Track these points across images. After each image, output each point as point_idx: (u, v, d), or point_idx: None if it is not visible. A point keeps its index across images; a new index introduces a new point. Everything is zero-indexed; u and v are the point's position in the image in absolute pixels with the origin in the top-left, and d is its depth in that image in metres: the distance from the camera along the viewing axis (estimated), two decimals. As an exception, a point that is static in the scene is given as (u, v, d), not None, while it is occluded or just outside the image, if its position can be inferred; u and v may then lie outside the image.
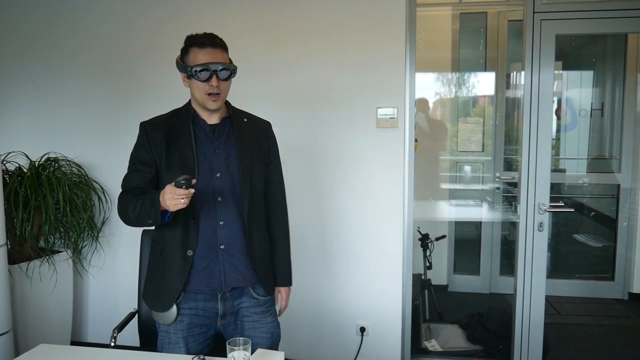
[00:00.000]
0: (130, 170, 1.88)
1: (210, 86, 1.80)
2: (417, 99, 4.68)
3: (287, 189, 2.16)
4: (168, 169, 1.82)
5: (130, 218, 1.79)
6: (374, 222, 2.99)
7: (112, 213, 3.26)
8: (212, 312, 1.91)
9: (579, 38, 4.95)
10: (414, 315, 3.23)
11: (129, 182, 1.86)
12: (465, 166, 4.86)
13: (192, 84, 1.83)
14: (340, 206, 3.02)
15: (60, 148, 3.19)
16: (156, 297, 1.89)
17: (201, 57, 1.79)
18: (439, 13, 4.61)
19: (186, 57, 1.84)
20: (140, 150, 1.87)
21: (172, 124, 1.88)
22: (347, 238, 3.03)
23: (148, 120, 1.91)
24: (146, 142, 1.85)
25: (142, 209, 1.73)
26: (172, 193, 1.60)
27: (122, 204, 1.83)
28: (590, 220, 5.00)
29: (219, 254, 1.86)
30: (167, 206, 1.64)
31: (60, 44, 3.24)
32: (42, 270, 2.95)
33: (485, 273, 4.68)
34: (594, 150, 4.94)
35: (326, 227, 3.05)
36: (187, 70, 1.81)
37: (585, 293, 4.57)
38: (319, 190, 3.04)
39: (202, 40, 1.81)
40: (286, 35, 2.97)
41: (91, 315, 3.37)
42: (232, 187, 1.87)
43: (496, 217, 4.64)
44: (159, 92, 3.08)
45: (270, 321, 2.00)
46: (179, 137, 1.85)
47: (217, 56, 1.81)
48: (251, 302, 1.96)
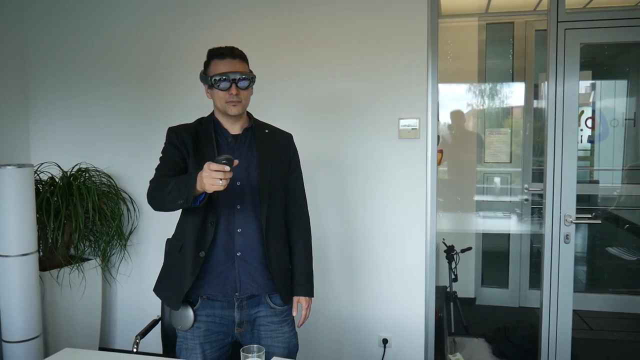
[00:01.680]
0: (163, 164, 1.92)
1: (230, 94, 1.86)
2: (451, 110, 4.72)
3: (309, 200, 2.18)
4: (194, 168, 1.86)
5: (160, 196, 1.78)
6: (397, 233, 2.98)
7: (140, 222, 3.34)
8: (229, 320, 1.94)
9: (612, 47, 4.85)
10: (438, 328, 3.19)
11: (164, 171, 1.88)
12: (495, 178, 4.80)
13: (214, 93, 1.90)
14: (362, 217, 3.03)
15: (91, 158, 3.30)
16: (167, 291, 1.95)
17: (221, 67, 1.87)
18: (465, 24, 4.60)
19: (207, 69, 1.92)
20: (171, 149, 1.92)
21: (198, 130, 1.94)
22: (370, 249, 3.03)
23: (176, 126, 1.99)
24: (176, 141, 1.91)
25: (174, 187, 1.72)
26: (209, 169, 1.57)
27: (154, 184, 1.85)
28: (625, 232, 4.86)
29: (235, 261, 1.89)
30: (204, 186, 1.60)
31: (89, 56, 3.35)
32: (72, 277, 3.04)
33: (514, 286, 4.60)
34: (629, 161, 4.81)
35: (348, 237, 3.06)
36: (208, 80, 1.88)
37: (619, 308, 4.42)
38: (340, 201, 3.05)
39: (222, 52, 1.89)
40: (307, 47, 3.01)
41: (119, 321, 3.45)
42: (252, 195, 1.91)
43: (525, 229, 4.56)
44: (187, 104, 3.15)
45: (287, 331, 2.01)
46: (204, 143, 1.91)
47: (236, 66, 1.88)
48: (268, 312, 1.98)
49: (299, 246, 2.09)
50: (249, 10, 3.08)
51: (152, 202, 1.84)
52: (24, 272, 2.65)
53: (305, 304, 2.08)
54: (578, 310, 4.20)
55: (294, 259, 2.08)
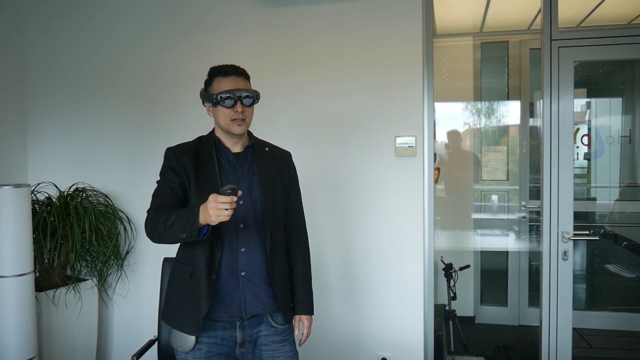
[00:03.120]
0: (162, 191, 1.88)
1: (235, 112, 1.87)
2: (448, 130, 4.75)
3: (307, 218, 2.19)
4: (197, 194, 1.86)
5: (160, 230, 1.76)
6: (394, 251, 2.98)
7: (137, 242, 3.33)
8: (231, 341, 1.92)
9: (607, 65, 4.91)
10: (437, 347, 3.17)
11: (162, 202, 1.85)
12: (492, 195, 4.81)
13: (218, 111, 1.90)
14: (360, 235, 3.02)
15: (88, 178, 3.29)
16: (184, 318, 1.88)
17: (225, 85, 1.87)
18: (460, 43, 4.65)
19: (210, 87, 1.92)
20: (170, 174, 1.90)
21: (198, 150, 1.94)
22: (368, 267, 3.02)
23: (175, 147, 1.97)
24: (176, 166, 1.89)
25: (176, 221, 1.70)
26: (215, 201, 1.58)
27: (152, 217, 1.81)
28: (622, 249, 4.85)
29: (240, 281, 1.88)
30: (208, 218, 1.61)
31: (87, 75, 3.36)
32: (68, 297, 3.02)
33: (514, 304, 4.58)
34: (626, 178, 4.83)
35: (346, 255, 3.05)
36: (212, 98, 1.88)
37: (619, 326, 4.40)
38: (338, 218, 3.05)
39: (225, 70, 1.90)
40: (304, 65, 3.04)
41: (115, 342, 3.41)
42: (254, 214, 1.91)
43: (523, 246, 4.55)
44: (184, 122, 3.17)
45: (288, 350, 2.00)
46: (205, 164, 1.90)
47: (240, 84, 1.90)
48: (269, 331, 1.97)
49: (299, 264, 2.09)
50: (246, 29, 3.11)
51: (151, 235, 1.82)
52: (20, 292, 2.62)
53: (307, 322, 2.09)
54: (578, 328, 4.18)
55: (294, 278, 2.08)
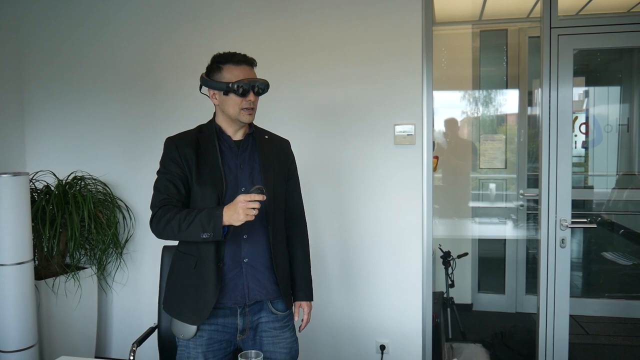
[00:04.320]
0: (164, 185, 1.86)
1: (247, 101, 1.87)
2: (446, 118, 4.75)
3: (306, 205, 2.20)
4: (200, 183, 1.86)
5: (174, 229, 1.76)
6: (393, 239, 2.99)
7: (136, 230, 3.33)
8: (232, 328, 1.93)
9: (605, 54, 4.91)
10: (435, 334, 3.19)
11: (167, 197, 1.84)
12: (490, 184, 4.82)
13: (228, 99, 1.87)
14: (359, 223, 3.03)
15: (87, 166, 3.29)
16: (190, 309, 1.88)
17: (238, 74, 1.85)
18: (459, 31, 4.63)
19: (219, 74, 1.88)
20: (171, 166, 1.88)
21: (199, 139, 1.92)
22: (367, 255, 3.03)
23: (176, 137, 1.94)
24: (178, 158, 1.87)
25: (195, 221, 1.71)
26: (246, 200, 1.65)
27: (162, 215, 1.79)
28: (619, 237, 4.88)
29: (243, 268, 1.89)
30: (236, 217, 1.66)
31: (85, 63, 3.35)
32: (68, 286, 3.03)
33: (511, 292, 4.61)
34: (623, 167, 4.85)
35: (345, 243, 3.06)
36: (223, 86, 1.85)
37: (616, 313, 4.44)
38: (337, 207, 3.05)
39: (237, 58, 1.88)
40: (303, 54, 3.02)
41: (115, 330, 3.43)
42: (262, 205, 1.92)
43: (520, 234, 4.57)
44: (182, 111, 3.17)
45: (288, 336, 2.02)
46: (207, 152, 1.89)
47: (252, 73, 1.90)
48: (270, 317, 1.98)
49: (298, 251, 2.11)
50: (245, 17, 3.09)
51: (160, 234, 1.82)
52: (19, 281, 2.63)
53: (307, 308, 2.11)
54: (575, 315, 4.22)
55: (294, 265, 2.09)
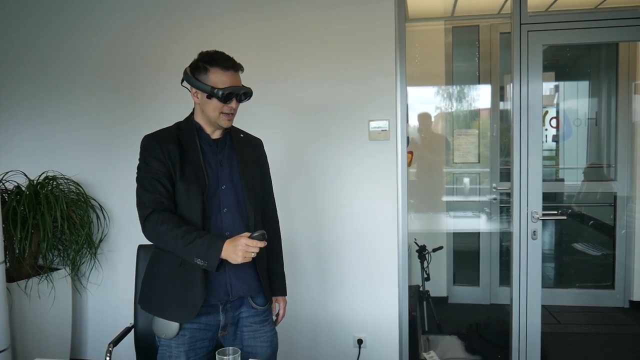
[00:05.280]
0: (151, 185, 1.83)
1: (229, 107, 1.86)
2: (419, 113, 4.79)
3: (282, 203, 2.23)
4: (184, 181, 1.84)
5: (169, 242, 1.76)
6: (369, 233, 3.01)
7: (111, 230, 3.29)
8: (214, 325, 1.93)
9: (574, 50, 5.01)
10: (412, 327, 3.23)
11: (158, 197, 1.81)
12: (464, 178, 4.89)
13: (210, 102, 1.85)
14: (335, 218, 3.05)
15: (58, 166, 3.23)
16: (175, 308, 1.86)
17: (225, 80, 1.83)
18: (432, 27, 4.68)
19: (205, 75, 1.85)
20: (155, 164, 1.84)
21: (180, 137, 1.90)
22: (343, 250, 3.05)
23: (156, 134, 1.91)
24: (161, 155, 1.84)
25: (194, 245, 1.71)
26: (248, 245, 1.67)
27: (163, 222, 1.77)
28: (589, 228, 5.01)
29: (225, 265, 1.87)
30: (233, 257, 1.69)
31: (55, 62, 3.30)
32: (41, 287, 2.98)
33: (485, 284, 4.69)
34: (592, 159, 4.97)
35: (322, 239, 3.07)
36: (207, 89, 1.82)
37: (586, 302, 4.56)
38: (312, 203, 3.07)
39: (225, 64, 1.85)
40: (277, 50, 3.03)
41: (90, 332, 3.39)
42: (236, 198, 1.93)
43: (494, 227, 4.65)
44: (155, 108, 3.14)
45: (268, 330, 2.04)
46: (189, 150, 1.88)
47: (238, 79, 1.89)
48: (250, 312, 1.99)
49: (273, 247, 2.12)
50: (220, 18, 3.08)
51: (152, 238, 1.82)
52: (-9, 283, 2.58)
53: (283, 303, 2.17)
54: (547, 305, 4.32)
55: (270, 261, 2.11)
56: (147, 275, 2.00)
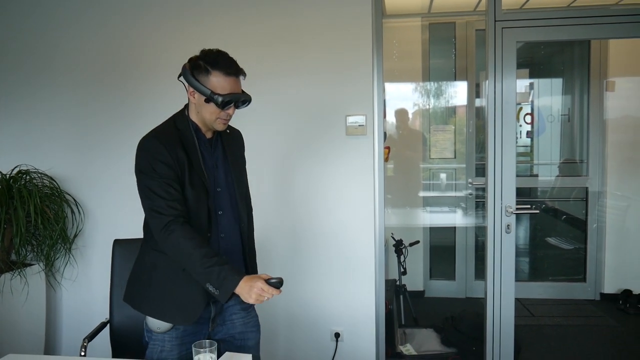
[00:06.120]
0: (164, 191, 1.75)
1: (226, 113, 1.82)
2: (396, 109, 4.83)
3: (258, 198, 2.24)
4: (192, 186, 1.81)
5: (185, 258, 1.73)
6: (346, 228, 3.03)
7: (85, 225, 3.25)
8: (206, 319, 1.94)
9: (548, 47, 5.10)
10: (388, 320, 3.27)
11: (173, 202, 1.75)
12: (441, 174, 4.95)
13: (208, 106, 1.79)
14: (312, 213, 3.06)
15: (32, 160, 3.17)
16: (181, 310, 1.84)
17: (225, 86, 1.77)
18: (409, 24, 4.72)
19: (205, 77, 1.78)
20: (163, 168, 1.76)
21: (181, 140, 1.84)
22: (320, 244, 3.07)
23: (158, 136, 1.81)
24: (169, 160, 1.76)
25: (210, 273, 1.69)
26: (265, 291, 1.66)
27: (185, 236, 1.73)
28: (562, 223, 5.12)
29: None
30: (247, 297, 1.67)
31: (28, 55, 3.23)
32: (14, 283, 2.93)
33: (461, 278, 4.75)
34: (566, 155, 5.07)
35: (299, 234, 3.08)
36: (207, 93, 1.76)
37: (558, 295, 4.67)
38: (289, 197, 3.07)
39: (228, 70, 1.78)
40: (253, 45, 3.01)
41: (65, 327, 3.34)
42: (230, 200, 1.94)
43: (470, 222, 4.72)
44: (132, 101, 3.11)
45: (254, 315, 2.07)
46: (191, 153, 1.83)
47: (239, 85, 1.83)
48: (236, 301, 1.95)
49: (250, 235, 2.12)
50: (195, 11, 3.06)
51: (168, 247, 1.76)
52: (-39, 279, 2.54)
53: None
54: (521, 298, 4.41)
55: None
56: (141, 275, 1.94)
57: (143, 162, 1.79)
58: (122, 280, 2.44)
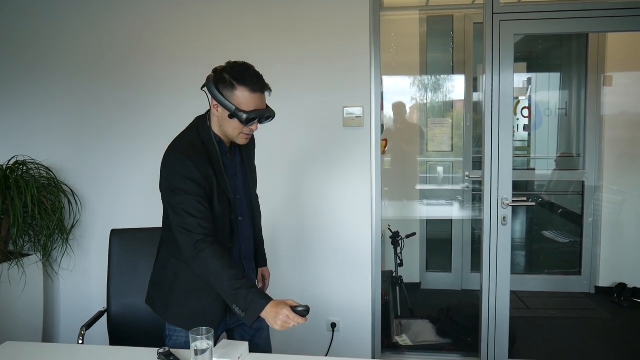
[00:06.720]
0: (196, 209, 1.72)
1: (249, 129, 1.80)
2: (394, 102, 4.83)
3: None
4: (220, 202, 1.81)
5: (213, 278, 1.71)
6: (343, 219, 3.04)
7: (82, 215, 3.26)
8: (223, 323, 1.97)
9: (546, 42, 5.10)
10: (385, 311, 3.29)
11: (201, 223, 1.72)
12: (438, 167, 4.96)
13: (230, 122, 1.76)
14: (309, 205, 3.07)
15: (28, 151, 3.17)
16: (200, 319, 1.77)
17: (251, 103, 1.73)
18: (407, 17, 4.71)
19: (230, 92, 1.73)
20: (193, 186, 1.73)
21: (207, 153, 1.80)
22: (317, 236, 3.08)
23: (188, 154, 1.75)
24: (200, 178, 1.74)
25: (237, 295, 1.68)
26: (291, 319, 1.68)
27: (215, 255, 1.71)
28: (558, 217, 5.14)
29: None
30: (272, 322, 1.69)
31: (24, 45, 3.23)
32: (12, 273, 2.94)
33: (457, 270, 4.78)
34: (562, 149, 5.08)
35: (295, 225, 3.09)
36: (231, 109, 1.72)
37: (554, 288, 4.69)
38: (286, 188, 3.08)
39: (254, 86, 1.74)
40: (252, 35, 3.02)
41: (63, 318, 3.36)
42: (248, 206, 1.99)
43: (466, 215, 4.74)
44: (129, 91, 3.10)
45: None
46: (216, 169, 1.81)
47: (264, 101, 1.79)
48: None
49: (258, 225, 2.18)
50: (193, 8, 3.04)
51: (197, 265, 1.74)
52: (-41, 268, 2.54)
53: (268, 274, 2.26)
54: (516, 290, 4.43)
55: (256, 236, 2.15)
56: (163, 283, 1.93)
57: (174, 180, 1.75)
58: (119, 271, 2.47)
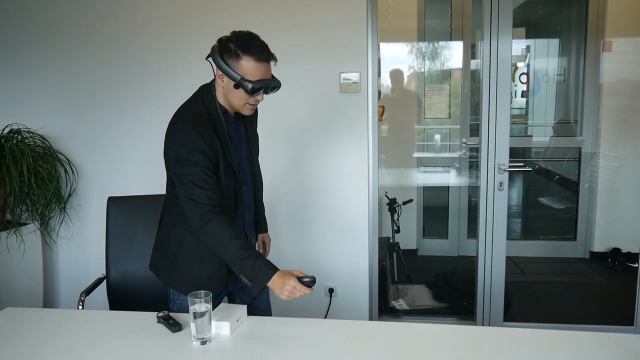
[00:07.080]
0: (204, 180, 1.73)
1: (255, 99, 1.79)
2: (391, 70, 4.78)
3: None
4: (225, 172, 1.81)
5: (220, 247, 1.73)
6: (340, 186, 3.05)
7: (79, 184, 3.25)
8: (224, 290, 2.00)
9: (546, 6, 5.04)
10: (382, 276, 3.33)
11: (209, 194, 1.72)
12: (435, 135, 4.95)
13: (236, 92, 1.76)
14: (306, 171, 3.07)
15: (23, 119, 3.14)
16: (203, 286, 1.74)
17: (256, 72, 1.72)
18: (405, -20, 4.63)
19: (235, 62, 1.72)
20: (201, 158, 1.73)
21: (212, 124, 1.80)
22: (314, 203, 3.09)
23: (194, 124, 1.74)
24: (206, 149, 1.73)
25: (244, 265, 1.70)
26: (297, 290, 1.69)
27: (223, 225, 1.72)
28: (554, 183, 5.16)
29: None
30: (279, 292, 1.71)
31: (18, 10, 3.17)
32: (10, 242, 2.95)
33: (453, 236, 4.81)
34: (560, 115, 5.07)
35: (293, 192, 3.10)
36: (237, 79, 1.71)
37: (549, 253, 4.74)
38: (283, 155, 3.08)
39: (260, 55, 1.73)
40: (246, 2, 2.96)
41: (63, 285, 3.39)
42: (251, 175, 2.00)
43: (463, 182, 4.75)
44: (125, 58, 3.07)
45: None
46: (222, 140, 1.81)
47: (269, 71, 1.78)
48: None
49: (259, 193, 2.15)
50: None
51: (205, 235, 1.74)
52: (-43, 236, 2.55)
53: (268, 239, 2.28)
54: (512, 256, 4.48)
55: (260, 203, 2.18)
56: (167, 250, 1.94)
57: (180, 151, 1.74)
58: (117, 237, 2.48)
